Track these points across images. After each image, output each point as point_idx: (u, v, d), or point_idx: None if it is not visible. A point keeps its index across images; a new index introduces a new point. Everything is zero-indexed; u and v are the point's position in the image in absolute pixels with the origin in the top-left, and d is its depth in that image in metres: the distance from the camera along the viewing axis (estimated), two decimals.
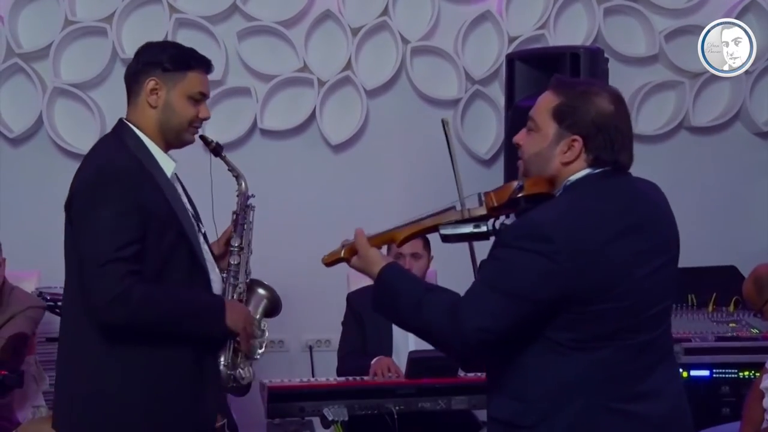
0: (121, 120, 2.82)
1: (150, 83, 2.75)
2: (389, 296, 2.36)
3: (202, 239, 2.84)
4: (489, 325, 2.21)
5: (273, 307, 3.03)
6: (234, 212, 2.99)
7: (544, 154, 2.31)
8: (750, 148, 5.40)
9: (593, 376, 2.22)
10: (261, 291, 3.00)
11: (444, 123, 2.57)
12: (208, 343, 2.76)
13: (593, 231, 2.21)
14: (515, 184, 2.38)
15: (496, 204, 2.41)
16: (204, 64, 2.83)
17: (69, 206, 2.72)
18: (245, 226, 2.98)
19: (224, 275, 2.91)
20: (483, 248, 2.42)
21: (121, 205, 2.60)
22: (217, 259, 2.92)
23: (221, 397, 2.93)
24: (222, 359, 2.81)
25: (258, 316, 2.95)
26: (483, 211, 2.43)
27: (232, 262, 2.92)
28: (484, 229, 2.44)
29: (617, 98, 2.32)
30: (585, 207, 2.25)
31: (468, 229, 2.44)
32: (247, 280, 2.95)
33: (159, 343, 2.66)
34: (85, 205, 2.65)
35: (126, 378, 2.67)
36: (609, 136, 2.28)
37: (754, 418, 3.66)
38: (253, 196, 3.01)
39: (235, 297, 2.88)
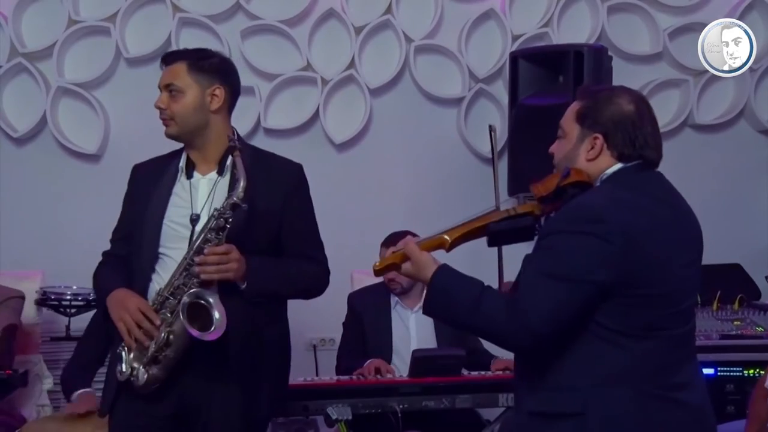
0: None
1: None
2: (445, 297, 2.39)
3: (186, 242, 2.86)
4: (555, 314, 2.25)
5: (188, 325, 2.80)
6: (216, 210, 2.80)
7: (570, 154, 2.43)
8: (754, 145, 5.40)
9: (640, 364, 2.29)
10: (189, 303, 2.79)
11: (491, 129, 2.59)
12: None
13: (636, 217, 2.29)
14: (563, 171, 2.41)
15: (544, 193, 2.42)
16: (162, 61, 3.04)
17: None
18: (213, 233, 2.80)
19: None
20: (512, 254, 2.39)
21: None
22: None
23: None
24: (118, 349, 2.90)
25: (175, 319, 2.79)
26: (532, 203, 2.45)
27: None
28: (534, 224, 2.45)
29: (639, 98, 2.45)
30: (624, 196, 2.34)
31: (520, 223, 2.44)
32: (189, 287, 2.81)
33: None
34: None
35: None
36: (627, 132, 2.39)
37: (760, 416, 3.65)
38: (244, 206, 2.78)
39: (157, 299, 2.84)
